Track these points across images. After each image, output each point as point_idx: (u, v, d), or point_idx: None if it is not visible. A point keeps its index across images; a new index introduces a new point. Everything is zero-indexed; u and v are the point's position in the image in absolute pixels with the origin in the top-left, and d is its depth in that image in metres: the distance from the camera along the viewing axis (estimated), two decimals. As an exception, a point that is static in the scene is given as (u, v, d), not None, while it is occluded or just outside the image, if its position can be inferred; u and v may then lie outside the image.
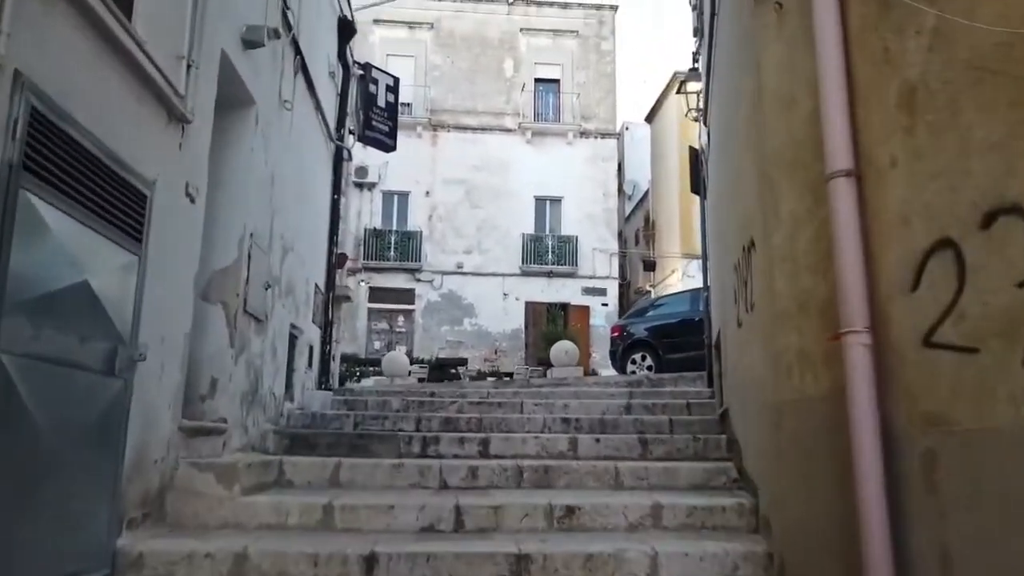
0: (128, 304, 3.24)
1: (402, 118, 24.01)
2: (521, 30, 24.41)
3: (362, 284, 22.55)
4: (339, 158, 8.43)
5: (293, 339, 6.79)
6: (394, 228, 23.05)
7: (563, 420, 6.68)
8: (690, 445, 5.66)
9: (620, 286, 24.46)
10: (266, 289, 5.49)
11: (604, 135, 24.08)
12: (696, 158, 9.02)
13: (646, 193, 28.77)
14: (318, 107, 7.31)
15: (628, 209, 29.75)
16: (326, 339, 8.04)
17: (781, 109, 3.32)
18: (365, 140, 9.54)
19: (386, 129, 9.80)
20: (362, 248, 22.59)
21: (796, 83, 3.20)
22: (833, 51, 2.87)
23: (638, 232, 28.82)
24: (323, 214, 8.04)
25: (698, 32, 8.41)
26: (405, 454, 5.42)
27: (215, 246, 4.70)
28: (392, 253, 22.65)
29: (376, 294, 22.73)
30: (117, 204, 3.07)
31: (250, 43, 4.86)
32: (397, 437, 5.66)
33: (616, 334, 11.43)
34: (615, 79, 24.51)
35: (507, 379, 13.34)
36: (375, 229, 22.80)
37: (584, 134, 23.93)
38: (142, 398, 3.40)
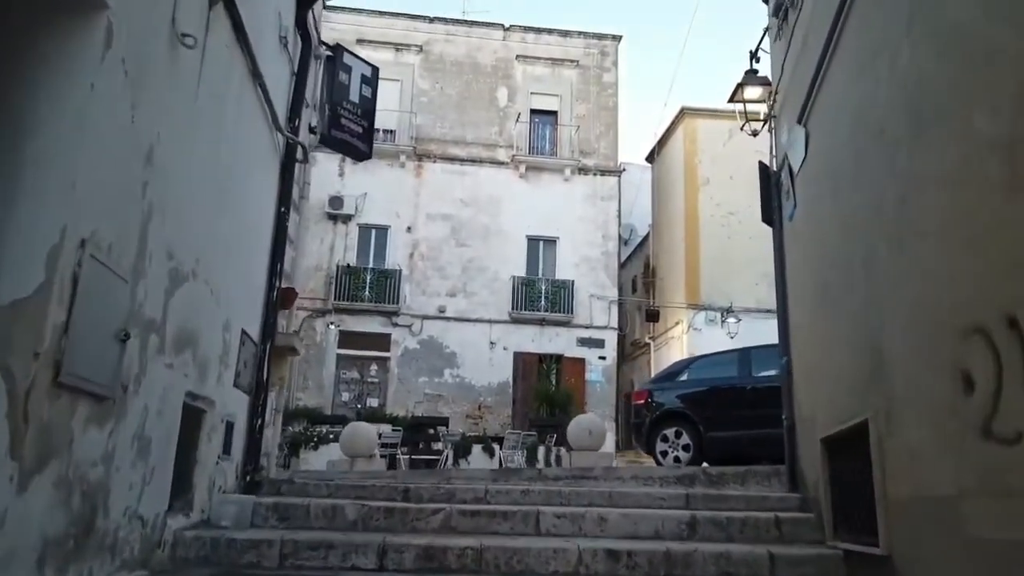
0: None
1: (385, 146, 21.96)
2: (517, 57, 22.59)
3: (332, 327, 20.10)
4: (290, 158, 6.14)
5: (193, 416, 4.38)
6: (370, 266, 20.71)
7: (608, 553, 4.33)
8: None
9: (620, 338, 22.21)
10: (122, 341, 3.13)
11: (604, 172, 22.11)
12: (767, 178, 6.85)
13: (645, 238, 26.78)
14: (256, 77, 5.04)
15: (624, 254, 27.67)
16: (257, 410, 5.62)
17: None
18: (331, 143, 7.27)
19: (359, 130, 7.55)
20: (334, 286, 20.19)
21: None
22: None
23: (635, 279, 26.71)
24: (260, 232, 5.71)
25: (781, 10, 6.32)
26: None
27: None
28: (367, 293, 20.27)
29: (347, 339, 20.25)
30: None
31: None
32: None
33: (641, 402, 9.11)
34: (617, 113, 22.69)
35: (509, 461, 10.91)
36: (349, 266, 20.44)
37: (583, 170, 21.95)
38: None
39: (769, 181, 6.87)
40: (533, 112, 22.48)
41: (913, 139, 3.45)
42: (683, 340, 21.26)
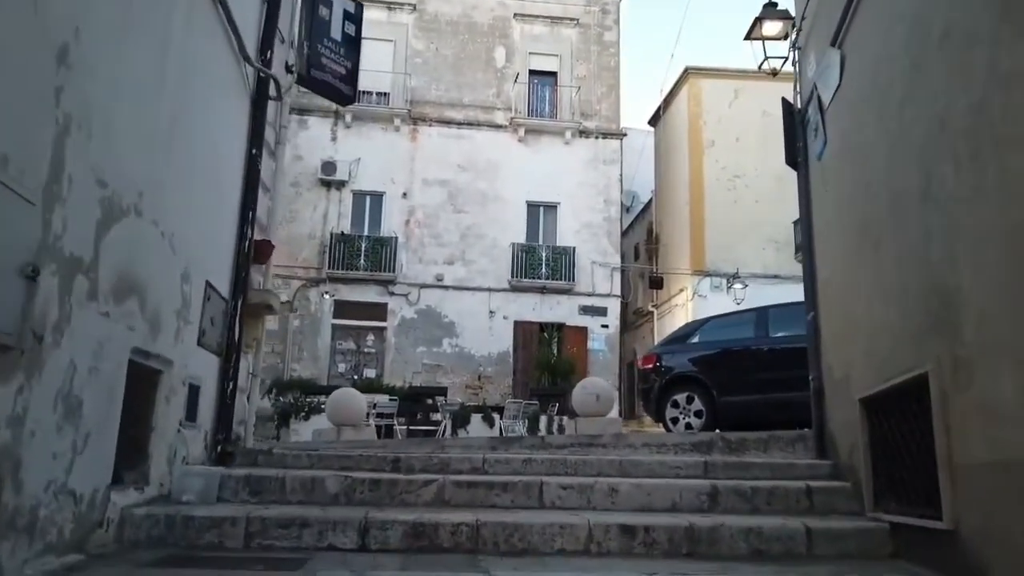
0: None
1: (378, 109, 21.21)
2: (515, 16, 21.72)
3: (326, 296, 19.52)
4: (262, 94, 5.51)
5: (144, 377, 3.82)
6: (365, 233, 20.06)
7: (622, 529, 3.80)
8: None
9: (622, 306, 21.65)
10: (29, 278, 2.54)
11: (606, 135, 21.36)
12: (791, 116, 6.21)
13: (647, 204, 26.10)
14: (217, -9, 4.39)
15: (626, 222, 27.01)
16: (228, 373, 5.05)
17: None
18: (310, 84, 6.61)
19: (342, 71, 6.89)
20: (328, 255, 19.57)
21: None
22: None
23: (638, 247, 26.08)
24: (228, 175, 5.09)
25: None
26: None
27: None
28: (362, 262, 19.64)
29: (342, 308, 19.68)
30: None
31: None
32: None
33: (649, 366, 8.54)
34: (619, 74, 21.88)
35: (511, 430, 10.39)
36: (343, 234, 19.80)
37: (584, 133, 21.20)
38: None
39: (793, 119, 6.22)
40: (532, 73, 21.69)
41: (994, 33, 2.83)
42: (687, 307, 20.69)
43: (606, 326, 20.43)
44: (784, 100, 6.31)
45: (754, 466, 5.32)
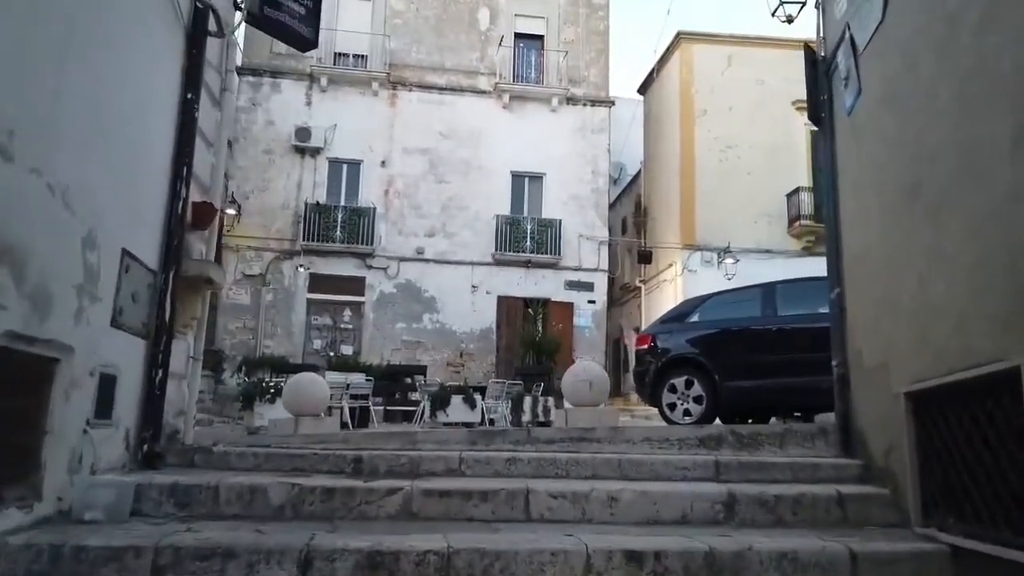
0: None
1: (355, 72, 20.14)
2: (500, -25, 20.67)
3: (301, 270, 18.63)
4: (200, 28, 4.64)
5: (30, 367, 3.03)
6: (342, 203, 19.13)
7: (628, 556, 3.10)
8: None
9: (610, 280, 20.94)
10: None
11: (595, 102, 20.47)
12: (814, 66, 5.43)
13: (635, 176, 25.31)
14: None
15: (613, 194, 26.22)
16: (157, 359, 4.25)
17: None
18: (263, 23, 5.72)
19: (301, 10, 6.00)
20: (302, 226, 18.65)
21: None
22: None
23: (625, 220, 25.34)
24: (153, 121, 4.25)
25: None
26: None
27: None
28: (339, 233, 18.74)
29: (318, 282, 18.81)
30: None
31: None
32: None
33: (644, 347, 7.83)
34: (608, 38, 20.94)
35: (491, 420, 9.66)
36: (318, 204, 18.85)
37: (571, 100, 20.30)
38: None
39: (816, 70, 5.45)
40: (517, 36, 20.69)
41: None
42: (677, 283, 20.04)
43: (593, 302, 19.73)
44: (806, 47, 5.52)
45: (772, 466, 4.63)
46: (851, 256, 4.91)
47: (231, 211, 18.52)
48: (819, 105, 5.42)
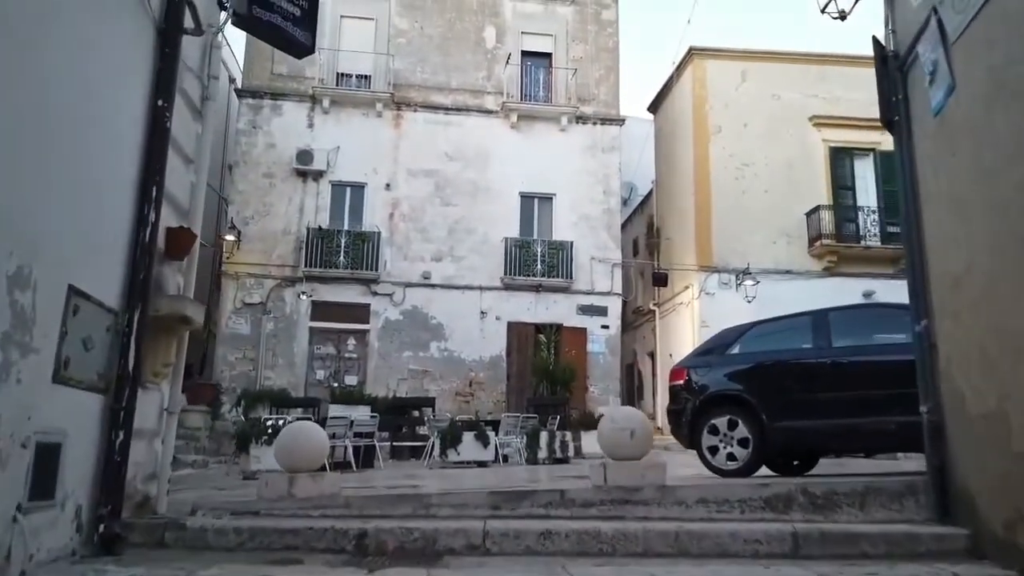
0: None
1: (359, 93, 19.55)
2: (506, -8, 20.16)
3: (303, 297, 17.91)
4: (174, 24, 3.96)
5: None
6: (345, 228, 18.45)
7: None
8: None
9: (624, 303, 20.15)
10: None
11: (605, 120, 19.84)
12: (885, 62, 4.72)
13: (647, 196, 24.62)
14: None
15: (624, 215, 25.51)
16: (119, 417, 3.50)
17: None
18: (251, 25, 5.04)
19: (295, 12, 5.33)
20: (304, 251, 17.96)
21: None
22: None
23: (637, 241, 24.61)
24: (117, 131, 3.55)
25: None
26: None
27: None
28: (342, 259, 18.04)
29: (321, 310, 18.08)
30: None
31: None
32: None
33: (680, 382, 7.04)
34: (618, 55, 20.35)
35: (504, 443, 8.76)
36: (321, 229, 18.18)
37: (581, 119, 19.67)
38: None
39: (887, 67, 4.74)
40: (524, 54, 20.11)
41: None
42: (694, 306, 19.25)
43: (607, 327, 18.93)
44: (875, 41, 4.81)
45: (860, 538, 3.84)
46: (944, 280, 4.16)
47: (230, 237, 17.88)
48: (891, 107, 4.70)
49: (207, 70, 4.68)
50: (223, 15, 4.89)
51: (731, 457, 6.54)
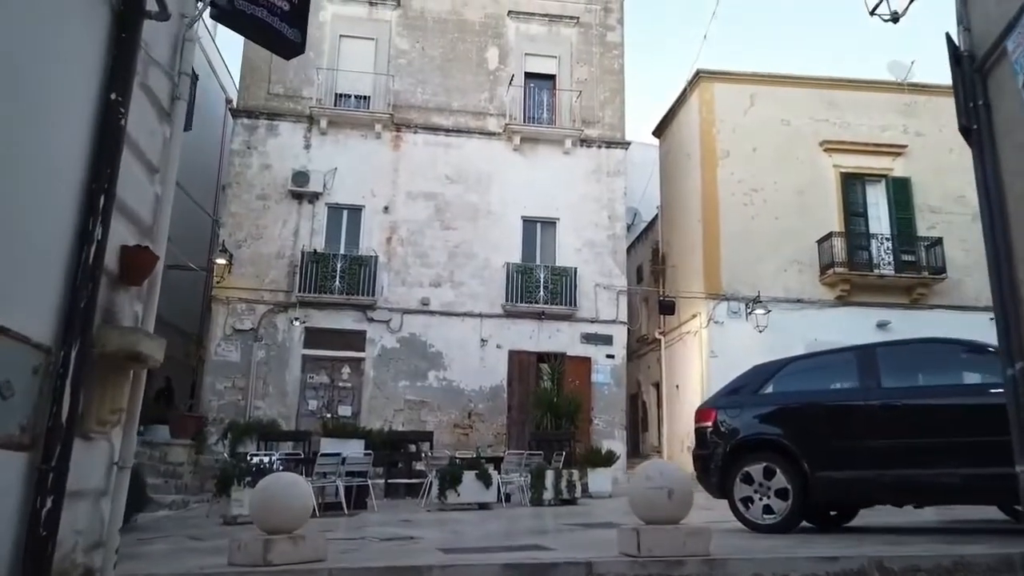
0: None
1: (357, 113, 18.98)
2: (509, 13, 19.73)
3: (296, 323, 17.21)
4: (133, 7, 3.32)
5: None
6: (341, 252, 17.80)
7: None
8: None
9: (630, 332, 19.47)
10: None
11: (610, 144, 19.32)
12: (959, 62, 4.10)
13: (651, 222, 24.07)
14: None
15: (628, 241, 24.91)
16: (47, 480, 2.80)
17: None
18: (234, 19, 4.43)
19: (284, 6, 4.73)
20: (298, 277, 17.29)
21: None
22: None
23: (641, 268, 24.00)
24: (51, 127, 2.89)
25: None
26: None
27: None
28: (337, 284, 17.36)
29: (315, 337, 17.36)
30: None
31: None
32: None
33: (708, 424, 6.34)
34: (623, 77, 19.90)
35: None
36: (316, 252, 17.53)
37: (585, 142, 19.15)
38: None
39: (962, 69, 4.12)
40: (528, 76, 19.64)
41: None
42: (702, 335, 18.58)
43: (612, 356, 18.22)
44: (949, 40, 4.20)
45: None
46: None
47: (221, 261, 17.21)
48: (970, 113, 4.07)
49: (178, 65, 4.05)
50: (199, 4, 4.28)
51: (767, 510, 5.83)
